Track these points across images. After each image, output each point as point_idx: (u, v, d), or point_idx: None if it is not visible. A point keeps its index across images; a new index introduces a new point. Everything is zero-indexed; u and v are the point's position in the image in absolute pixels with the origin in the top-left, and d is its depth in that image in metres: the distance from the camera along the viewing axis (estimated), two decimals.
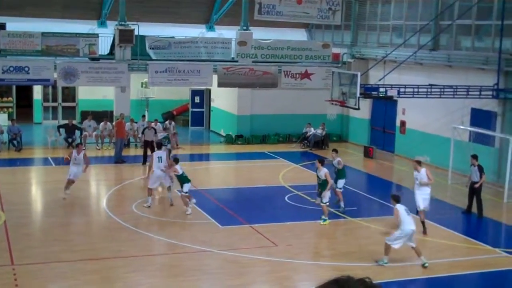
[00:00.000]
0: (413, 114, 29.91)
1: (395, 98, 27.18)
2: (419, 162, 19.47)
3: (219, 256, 16.29)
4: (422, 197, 18.90)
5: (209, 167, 29.21)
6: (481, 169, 20.88)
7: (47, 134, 31.78)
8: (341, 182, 21.15)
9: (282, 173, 26.46)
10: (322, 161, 19.94)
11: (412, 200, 18.97)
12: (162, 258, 16.28)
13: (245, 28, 32.56)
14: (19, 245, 16.76)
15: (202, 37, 33.41)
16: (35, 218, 19.93)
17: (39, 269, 15.14)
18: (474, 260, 16.71)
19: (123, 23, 30.35)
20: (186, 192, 19.95)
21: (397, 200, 16.36)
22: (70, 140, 30.90)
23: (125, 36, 29.88)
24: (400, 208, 15.99)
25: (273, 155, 30.36)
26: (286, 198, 22.35)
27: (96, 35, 30.69)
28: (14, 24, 30.29)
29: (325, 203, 19.27)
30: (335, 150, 22.25)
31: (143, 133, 27.82)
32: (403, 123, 30.94)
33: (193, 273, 15.18)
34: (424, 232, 18.47)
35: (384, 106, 31.89)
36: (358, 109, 24.72)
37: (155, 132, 27.49)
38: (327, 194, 19.24)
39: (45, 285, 14.20)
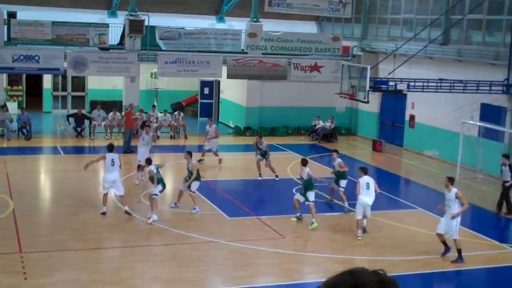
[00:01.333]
0: (422, 108, 29.82)
1: (404, 92, 27.15)
2: (451, 180, 16.39)
3: (226, 247, 16.32)
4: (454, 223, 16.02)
5: (217, 158, 29.22)
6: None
7: (56, 123, 31.87)
8: (343, 182, 20.91)
9: (291, 165, 26.45)
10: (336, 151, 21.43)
11: (418, 193, 18.89)
12: (169, 248, 16.31)
13: (255, 20, 32.52)
14: (27, 233, 16.85)
15: (212, 28, 33.40)
16: (43, 207, 20.00)
17: (46, 257, 15.21)
18: (481, 255, 16.68)
19: (133, 13, 30.36)
20: (193, 191, 19.59)
21: (365, 172, 17.61)
22: (79, 129, 30.98)
23: (135, 26, 29.89)
24: (363, 180, 17.12)
25: (282, 147, 30.35)
26: (294, 191, 22.32)
27: (106, 25, 30.73)
28: (25, 13, 30.36)
29: (312, 201, 18.73)
30: (336, 151, 22.05)
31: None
32: (412, 117, 30.86)
33: (200, 264, 15.23)
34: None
35: (394, 99, 31.81)
36: (368, 102, 24.66)
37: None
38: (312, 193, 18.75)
39: (53, 273, 14.26)
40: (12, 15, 29.96)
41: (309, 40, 33.11)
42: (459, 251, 15.83)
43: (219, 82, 36.90)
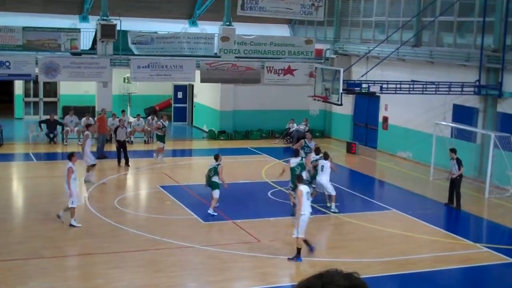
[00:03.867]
0: (395, 110, 29.99)
1: (377, 94, 27.27)
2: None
3: (201, 252, 16.24)
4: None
5: (191, 162, 29.14)
6: (459, 162, 21.26)
7: (28, 130, 31.53)
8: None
9: (265, 168, 26.44)
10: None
11: (392, 194, 18.97)
12: (143, 254, 16.18)
13: (228, 23, 32.52)
14: (0, 240, 16.62)
15: (185, 32, 33.31)
16: (15, 214, 19.77)
17: (19, 265, 15.02)
18: (456, 255, 16.79)
19: (105, 18, 30.19)
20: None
21: (300, 181, 16.40)
22: (51, 135, 30.69)
23: (107, 31, 29.73)
24: (304, 189, 15.91)
25: (256, 151, 30.35)
26: (269, 194, 22.34)
27: (78, 30, 30.50)
28: None
29: None
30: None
31: (115, 132, 27.44)
32: (385, 119, 31.02)
33: (175, 269, 15.14)
34: None
35: (367, 102, 31.96)
36: (341, 105, 24.71)
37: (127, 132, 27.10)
38: None
39: (26, 281, 14.09)
40: None
41: (282, 43, 33.16)
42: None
43: (192, 86, 36.80)
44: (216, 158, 19.87)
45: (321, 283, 2.40)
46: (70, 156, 18.38)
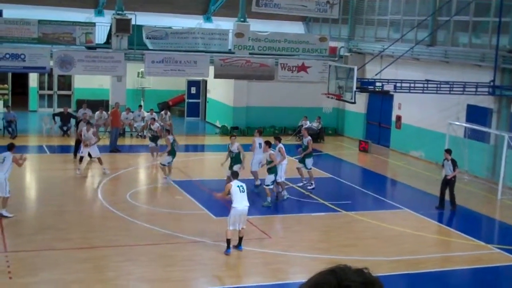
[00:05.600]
0: (409, 109, 29.91)
1: (391, 93, 27.20)
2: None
3: (212, 247, 16.27)
4: None
5: (204, 158, 29.18)
6: (454, 163, 20.90)
7: (42, 122, 31.70)
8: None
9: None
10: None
11: (404, 193, 18.92)
12: (154, 248, 16.24)
13: (242, 19, 32.51)
14: (13, 232, 16.75)
15: (199, 28, 33.33)
16: (28, 206, 19.88)
17: (31, 256, 15.11)
18: (466, 256, 16.74)
19: (120, 12, 30.27)
20: (267, 185, 20.23)
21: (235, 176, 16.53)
22: (65, 128, 30.84)
23: (122, 25, 29.81)
24: (235, 184, 15.93)
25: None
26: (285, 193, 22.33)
27: (93, 24, 30.60)
28: (11, 11, 30.20)
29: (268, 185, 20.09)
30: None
31: (77, 125, 27.18)
32: (398, 118, 30.94)
33: (185, 264, 15.18)
34: None
35: (380, 100, 31.89)
36: (354, 103, 24.67)
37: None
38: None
39: (38, 272, 14.17)
40: None
41: (296, 40, 33.12)
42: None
43: (206, 81, 36.86)
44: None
45: (335, 279, 2.33)
46: (12, 147, 18.40)
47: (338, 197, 21.79)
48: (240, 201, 15.60)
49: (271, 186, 20.24)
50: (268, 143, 20.54)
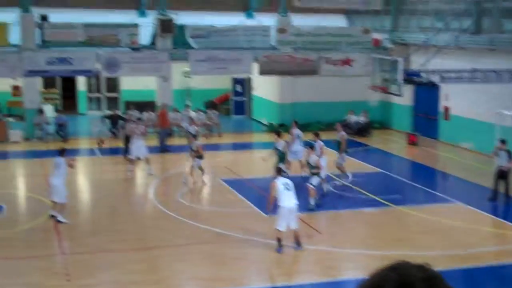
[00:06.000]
0: (456, 99, 29.54)
1: (438, 84, 26.91)
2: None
3: (263, 245, 16.37)
4: None
5: (251, 155, 29.29)
6: (509, 154, 20.47)
7: (92, 125, 32.23)
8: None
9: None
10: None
11: (455, 186, 18.71)
12: (206, 246, 16.42)
13: (284, 15, 32.51)
14: (68, 235, 17.11)
15: (242, 25, 33.41)
16: (82, 208, 20.26)
17: (87, 258, 15.44)
18: None
19: (163, 12, 30.56)
20: (313, 185, 19.57)
21: (279, 173, 16.36)
22: (114, 130, 31.27)
23: (165, 26, 30.12)
24: (279, 182, 15.72)
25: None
26: (329, 186, 22.33)
27: (136, 25, 30.95)
28: (57, 16, 30.69)
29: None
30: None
31: (123, 128, 27.43)
32: (446, 109, 30.59)
33: (237, 262, 15.32)
34: None
35: (427, 92, 31.54)
36: (401, 95, 24.53)
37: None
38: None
39: (94, 273, 14.47)
40: (44, 18, 30.33)
41: (339, 34, 33.01)
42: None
43: (251, 79, 36.96)
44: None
45: (396, 275, 2.28)
46: (62, 152, 18.62)
47: (388, 192, 21.69)
48: (287, 200, 15.50)
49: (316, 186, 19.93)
50: (311, 147, 20.14)
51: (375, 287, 2.26)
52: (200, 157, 22.20)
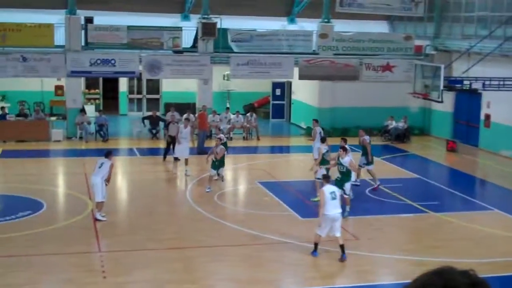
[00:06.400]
0: (498, 107, 29.16)
1: (479, 91, 26.63)
2: None
3: (299, 248, 16.37)
4: None
5: (289, 159, 29.32)
6: None
7: (132, 125, 32.60)
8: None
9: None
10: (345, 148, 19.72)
11: (494, 193, 18.47)
12: (242, 248, 16.48)
13: (326, 20, 32.52)
14: (106, 233, 17.34)
15: (283, 29, 33.53)
16: (120, 207, 20.49)
17: (124, 256, 15.60)
18: None
19: (206, 16, 30.80)
20: (347, 194, 19.13)
21: (327, 180, 16.06)
22: (154, 131, 31.59)
23: (208, 29, 30.35)
24: (327, 190, 15.46)
25: (354, 148, 30.17)
26: (367, 191, 22.24)
27: (179, 28, 31.26)
28: (101, 18, 31.21)
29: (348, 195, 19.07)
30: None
31: (167, 127, 27.70)
32: (487, 117, 30.22)
33: (273, 265, 15.33)
34: None
35: (468, 99, 31.23)
36: (441, 102, 24.35)
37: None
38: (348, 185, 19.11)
39: (130, 272, 14.61)
40: (89, 20, 30.84)
41: (380, 39, 32.91)
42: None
43: (290, 83, 37.01)
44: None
45: (441, 280, 2.28)
46: (109, 154, 18.79)
47: (426, 198, 21.53)
48: (331, 208, 15.31)
49: (351, 194, 19.79)
50: (344, 149, 19.41)
51: None
52: (220, 162, 21.84)
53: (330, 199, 15.30)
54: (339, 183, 18.42)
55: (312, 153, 23.58)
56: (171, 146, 26.00)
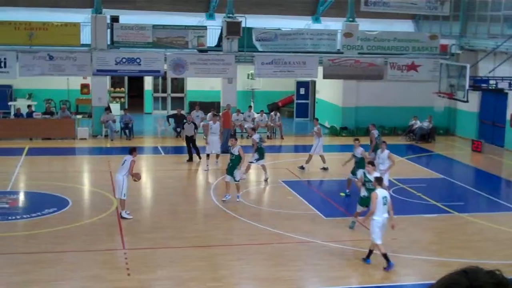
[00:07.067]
0: None
1: (505, 91, 26.42)
2: None
3: (323, 248, 16.39)
4: None
5: (313, 158, 29.28)
6: None
7: (157, 124, 32.78)
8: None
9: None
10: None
11: None
12: (266, 247, 16.52)
13: (351, 19, 32.45)
14: (130, 230, 17.47)
15: (308, 29, 33.51)
16: (145, 205, 20.63)
17: (148, 254, 15.70)
18: None
19: (230, 15, 30.88)
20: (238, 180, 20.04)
21: (380, 183, 15.47)
22: (178, 130, 31.72)
23: (232, 28, 30.43)
24: (380, 193, 14.97)
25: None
26: (391, 191, 22.16)
27: (204, 27, 31.37)
28: (127, 17, 31.43)
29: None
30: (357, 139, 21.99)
31: (183, 128, 27.60)
32: None
33: (296, 263, 15.36)
34: None
35: (494, 99, 30.99)
36: (467, 101, 24.20)
37: (196, 127, 27.08)
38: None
39: (154, 269, 14.72)
40: (115, 19, 31.06)
41: (406, 39, 32.76)
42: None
43: (315, 82, 36.98)
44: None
45: (466, 280, 2.26)
46: (133, 151, 18.78)
47: (451, 198, 21.43)
48: (381, 214, 14.94)
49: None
50: (372, 164, 17.83)
51: None
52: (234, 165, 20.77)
53: (382, 204, 14.88)
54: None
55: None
56: (191, 145, 26.20)
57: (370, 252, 15.29)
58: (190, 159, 26.32)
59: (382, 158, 20.74)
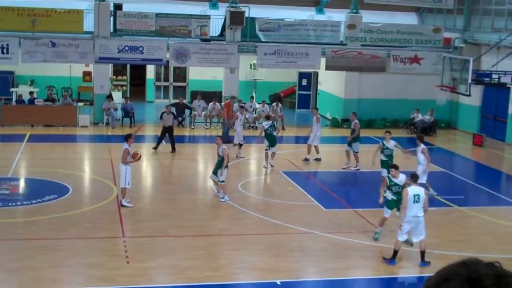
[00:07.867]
0: None
1: (508, 85, 26.37)
2: None
3: (322, 239, 16.41)
4: None
5: (314, 150, 29.27)
6: None
7: (158, 113, 32.72)
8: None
9: None
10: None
11: None
12: (265, 237, 16.53)
13: (355, 11, 32.37)
14: (130, 218, 17.50)
15: (311, 20, 33.42)
16: (144, 194, 20.64)
17: (147, 242, 15.73)
18: None
19: (234, 5, 30.81)
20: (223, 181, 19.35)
21: (415, 180, 15.14)
22: (180, 119, 31.70)
23: (236, 18, 30.36)
24: (411, 191, 14.67)
25: (379, 140, 30.06)
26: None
27: (207, 17, 31.29)
28: (130, 5, 31.30)
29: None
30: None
31: (161, 118, 27.48)
32: None
33: (295, 254, 15.38)
34: None
35: (496, 93, 30.94)
36: (469, 95, 24.17)
37: (174, 117, 26.97)
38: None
39: (153, 258, 14.73)
40: (118, 7, 30.97)
41: (409, 31, 32.68)
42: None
43: (317, 73, 36.93)
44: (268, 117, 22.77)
45: (465, 270, 2.27)
46: (127, 138, 18.52)
47: (451, 192, 21.42)
48: (409, 211, 14.63)
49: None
50: (396, 168, 16.73)
51: (443, 280, 2.28)
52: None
53: (412, 202, 14.58)
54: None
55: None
56: (168, 135, 26.01)
57: (395, 252, 14.93)
58: (156, 148, 26.05)
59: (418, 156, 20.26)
